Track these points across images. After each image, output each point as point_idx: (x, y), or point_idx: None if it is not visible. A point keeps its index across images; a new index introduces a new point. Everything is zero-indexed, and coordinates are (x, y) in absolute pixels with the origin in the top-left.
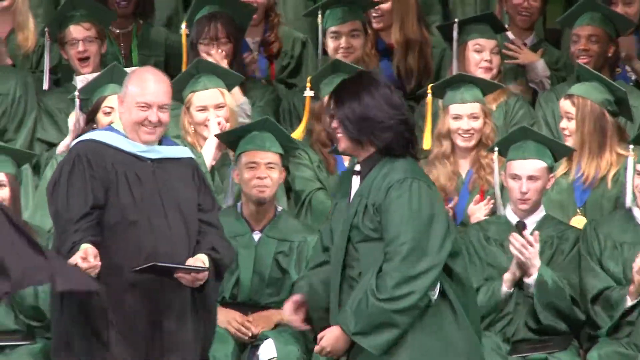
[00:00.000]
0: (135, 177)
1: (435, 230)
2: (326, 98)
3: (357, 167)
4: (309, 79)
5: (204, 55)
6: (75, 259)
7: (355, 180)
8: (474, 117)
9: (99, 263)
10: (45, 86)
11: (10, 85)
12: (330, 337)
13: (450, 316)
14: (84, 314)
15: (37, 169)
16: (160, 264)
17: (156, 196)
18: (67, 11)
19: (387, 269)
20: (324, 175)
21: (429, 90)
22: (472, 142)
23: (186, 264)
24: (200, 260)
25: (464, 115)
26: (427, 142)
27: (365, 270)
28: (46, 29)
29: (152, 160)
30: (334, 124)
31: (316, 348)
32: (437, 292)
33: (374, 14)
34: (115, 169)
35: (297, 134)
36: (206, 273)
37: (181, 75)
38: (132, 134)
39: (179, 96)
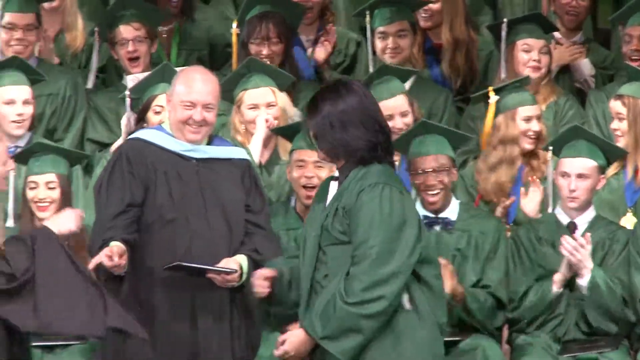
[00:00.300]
0: (176, 176)
1: (405, 235)
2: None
3: (336, 173)
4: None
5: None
6: (101, 256)
7: (333, 186)
8: (538, 118)
9: (124, 262)
10: (90, 85)
11: (60, 85)
12: (294, 340)
13: (417, 322)
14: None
15: (88, 169)
16: (184, 264)
17: (198, 196)
18: (117, 11)
19: (356, 272)
20: None
21: (492, 92)
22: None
23: (219, 265)
24: (236, 262)
25: (533, 117)
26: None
27: (332, 273)
28: (96, 29)
29: (197, 159)
30: (311, 134)
31: (277, 352)
32: (407, 299)
33: (422, 14)
34: (155, 168)
35: None
36: (235, 275)
37: (232, 74)
38: (178, 133)
39: (229, 96)
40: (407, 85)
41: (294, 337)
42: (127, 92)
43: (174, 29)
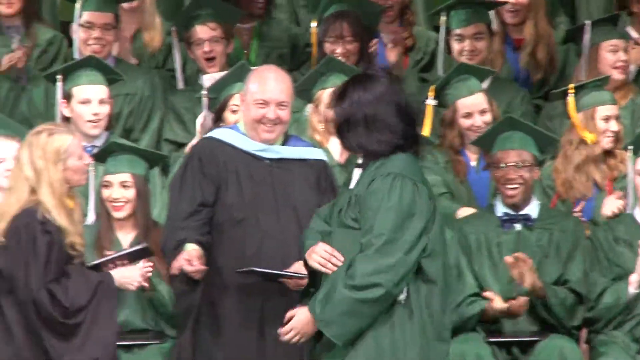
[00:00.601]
0: (248, 176)
1: (411, 226)
2: (457, 103)
3: (360, 160)
4: (432, 88)
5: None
6: (180, 262)
7: (357, 172)
8: (616, 117)
9: (204, 267)
10: (180, 85)
11: (137, 85)
12: (301, 319)
13: (406, 317)
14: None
15: (165, 169)
16: (257, 270)
17: (270, 196)
18: (193, 11)
19: (359, 258)
20: (451, 177)
21: (572, 90)
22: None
23: (291, 269)
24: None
25: (612, 116)
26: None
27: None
28: (173, 29)
29: (270, 159)
30: (338, 123)
31: (284, 329)
32: (405, 292)
33: (510, 9)
34: (227, 167)
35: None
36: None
37: (310, 73)
38: (252, 132)
39: (307, 94)
40: (485, 84)
41: (300, 315)
42: (203, 92)
43: (254, 28)
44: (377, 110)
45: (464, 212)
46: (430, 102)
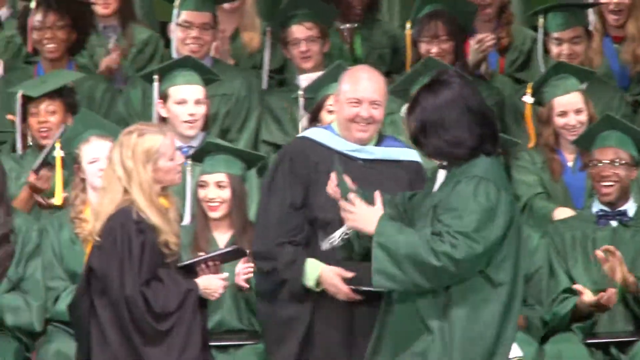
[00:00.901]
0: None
1: (492, 226)
2: (553, 101)
3: (444, 162)
4: (529, 85)
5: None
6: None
7: (441, 174)
8: None
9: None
10: (264, 85)
11: (234, 85)
12: (366, 211)
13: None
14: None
15: (262, 171)
16: (363, 289)
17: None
18: (289, 10)
19: (445, 227)
20: (547, 177)
21: None
22: None
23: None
24: None
25: None
26: None
27: None
28: (268, 29)
29: (363, 160)
30: (414, 131)
31: (346, 206)
32: None
33: (613, 9)
34: (318, 168)
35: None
36: None
37: (408, 73)
38: (346, 132)
39: (405, 95)
40: (583, 85)
41: (368, 210)
42: (300, 92)
43: (356, 28)
44: (449, 115)
45: (561, 212)
46: (528, 99)
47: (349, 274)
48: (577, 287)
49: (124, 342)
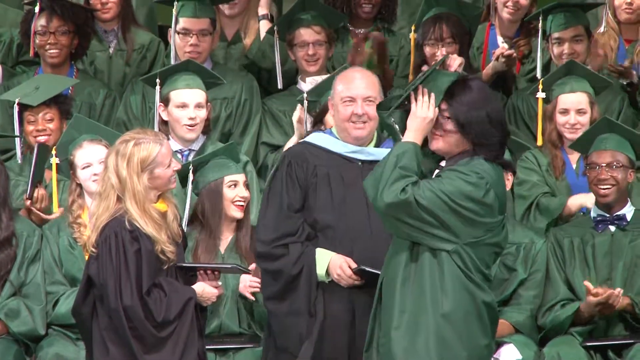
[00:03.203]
0: (338, 179)
1: (459, 212)
2: (558, 98)
3: (443, 163)
4: (541, 81)
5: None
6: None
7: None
8: None
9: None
10: (280, 85)
11: (235, 89)
12: (426, 115)
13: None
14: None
15: (262, 172)
16: (367, 269)
17: (360, 199)
18: (297, 13)
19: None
20: (552, 180)
21: None
22: None
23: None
24: None
25: None
26: None
27: None
28: (275, 28)
29: (362, 161)
30: (447, 124)
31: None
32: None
33: (625, 8)
34: (316, 171)
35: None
36: None
37: (419, 76)
38: (343, 134)
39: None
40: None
41: (425, 118)
42: (304, 95)
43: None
44: (471, 116)
45: (576, 199)
46: (540, 95)
47: (354, 265)
48: (586, 283)
49: (123, 350)
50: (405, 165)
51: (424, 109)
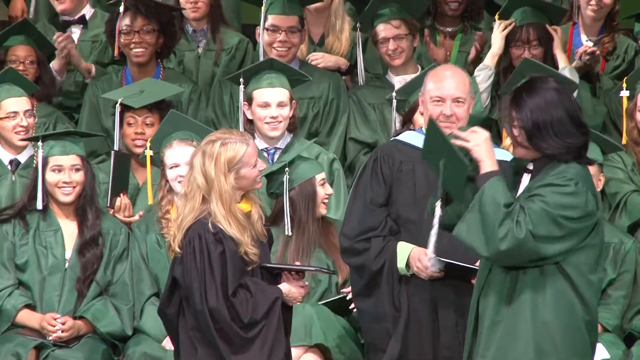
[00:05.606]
0: (423, 175)
1: (566, 226)
2: (638, 95)
3: (530, 166)
4: (625, 79)
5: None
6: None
7: (525, 178)
8: None
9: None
10: (361, 82)
11: (322, 88)
12: (485, 137)
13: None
14: None
15: (351, 170)
16: (454, 263)
17: None
18: (377, 8)
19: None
20: (638, 178)
21: None
22: None
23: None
24: None
25: None
26: None
27: None
28: (358, 26)
29: None
30: (516, 131)
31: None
32: None
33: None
34: (402, 167)
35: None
36: None
37: (510, 77)
38: None
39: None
40: None
41: (486, 140)
42: (393, 94)
43: (457, 31)
44: (551, 115)
45: None
46: (624, 93)
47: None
48: None
49: (211, 350)
50: (506, 201)
51: (474, 137)
